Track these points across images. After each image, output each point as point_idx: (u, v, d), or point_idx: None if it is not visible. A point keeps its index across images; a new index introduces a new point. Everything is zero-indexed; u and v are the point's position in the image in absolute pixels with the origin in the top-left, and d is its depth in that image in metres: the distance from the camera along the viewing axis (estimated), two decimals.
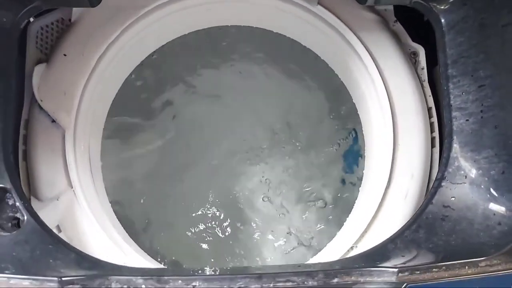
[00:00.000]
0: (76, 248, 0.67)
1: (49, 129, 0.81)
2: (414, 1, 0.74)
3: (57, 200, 0.78)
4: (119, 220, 0.91)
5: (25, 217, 0.67)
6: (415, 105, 0.83)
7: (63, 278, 0.59)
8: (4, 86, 0.72)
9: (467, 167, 0.67)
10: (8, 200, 0.69)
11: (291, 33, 1.01)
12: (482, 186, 0.65)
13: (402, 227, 0.68)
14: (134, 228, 1.06)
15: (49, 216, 0.75)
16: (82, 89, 0.83)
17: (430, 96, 0.85)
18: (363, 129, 0.97)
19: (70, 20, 0.86)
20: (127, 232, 0.90)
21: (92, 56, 0.83)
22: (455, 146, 0.69)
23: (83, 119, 0.84)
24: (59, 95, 0.82)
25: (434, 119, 0.84)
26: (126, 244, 0.81)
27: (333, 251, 0.80)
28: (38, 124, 0.81)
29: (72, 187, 0.79)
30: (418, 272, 0.59)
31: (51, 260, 0.63)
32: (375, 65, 0.84)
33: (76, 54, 0.83)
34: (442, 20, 0.72)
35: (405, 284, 0.58)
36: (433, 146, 0.83)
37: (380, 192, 0.80)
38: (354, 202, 0.95)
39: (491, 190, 0.65)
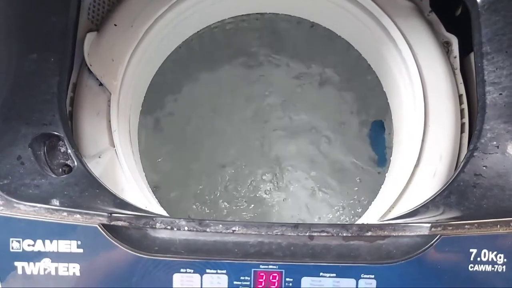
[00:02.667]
0: (121, 197, 0.70)
1: (96, 92, 0.85)
2: None
3: (99, 157, 0.81)
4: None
5: (76, 164, 0.71)
6: (446, 90, 0.86)
7: (112, 214, 0.63)
8: (64, 43, 0.77)
9: (499, 137, 0.69)
10: (61, 147, 0.73)
11: (321, 20, 1.05)
12: None
13: (433, 194, 0.70)
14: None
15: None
16: (129, 57, 0.88)
17: (461, 83, 0.88)
18: (392, 115, 1.00)
19: None
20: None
21: (140, 28, 0.88)
22: (488, 119, 0.71)
23: (127, 86, 0.89)
24: (108, 61, 0.87)
25: (465, 105, 0.86)
26: (159, 206, 0.84)
27: None
28: (86, 87, 0.86)
29: (114, 147, 0.83)
30: (451, 228, 0.61)
31: (98, 201, 0.67)
32: (410, 50, 0.87)
33: (125, 24, 0.88)
34: (478, 1, 0.75)
35: (439, 235, 0.60)
36: (462, 131, 0.85)
37: (409, 170, 0.82)
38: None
39: None
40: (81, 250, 0.61)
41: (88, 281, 0.61)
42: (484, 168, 0.69)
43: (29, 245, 0.61)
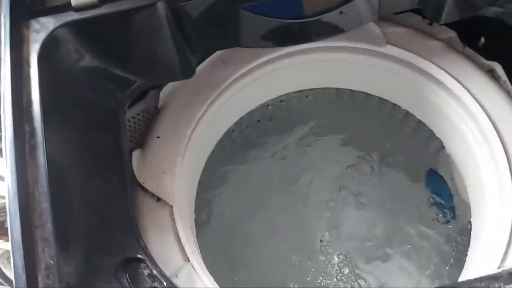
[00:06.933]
0: None
1: (155, 208, 0.80)
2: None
3: (176, 276, 0.73)
4: None
5: (165, 284, 0.63)
6: None
7: None
8: (121, 163, 0.75)
9: None
10: (144, 270, 0.65)
11: (357, 85, 1.03)
12: None
13: None
14: None
15: None
16: (179, 165, 0.83)
17: None
18: (461, 167, 0.94)
19: (156, 107, 0.89)
20: None
21: (184, 133, 0.85)
22: None
23: (183, 195, 0.84)
24: (159, 174, 0.82)
25: None
26: None
27: None
28: (143, 206, 0.80)
29: (188, 261, 0.75)
30: None
31: None
32: (460, 84, 0.85)
33: (169, 134, 0.85)
34: None
35: None
36: None
37: (507, 212, 0.75)
38: None
39: None
40: None
41: None
42: None
43: None
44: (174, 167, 0.82)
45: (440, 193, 1.12)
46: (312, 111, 1.11)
